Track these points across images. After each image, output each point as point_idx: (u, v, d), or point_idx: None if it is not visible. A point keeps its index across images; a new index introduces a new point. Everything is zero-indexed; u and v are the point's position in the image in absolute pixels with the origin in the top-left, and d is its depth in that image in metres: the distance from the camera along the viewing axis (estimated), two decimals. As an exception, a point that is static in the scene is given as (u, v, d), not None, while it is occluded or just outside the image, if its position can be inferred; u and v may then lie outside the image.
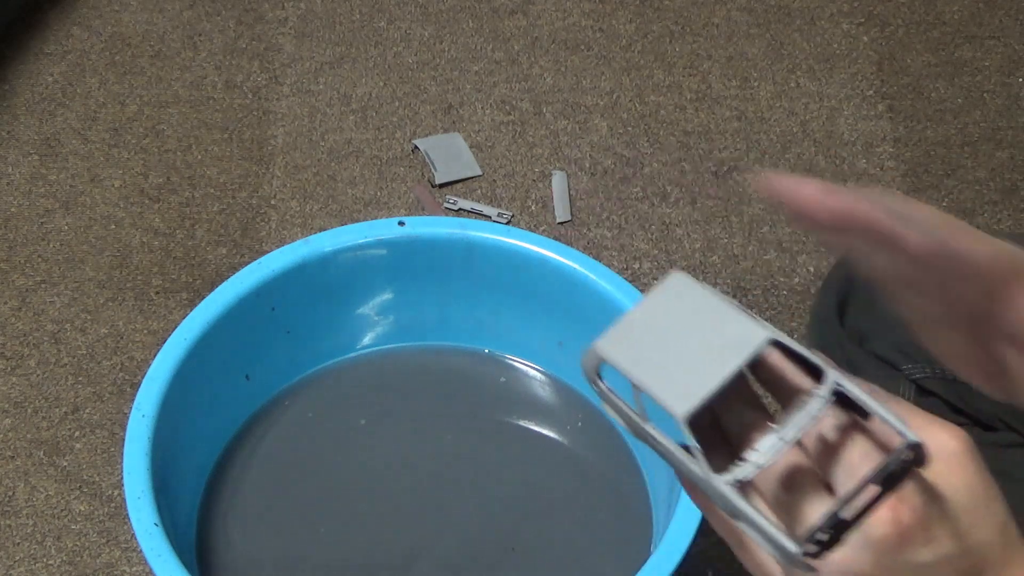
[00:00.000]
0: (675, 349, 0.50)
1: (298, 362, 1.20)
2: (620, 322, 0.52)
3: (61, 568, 1.18)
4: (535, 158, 1.57)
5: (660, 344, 0.50)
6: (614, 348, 0.51)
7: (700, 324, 0.50)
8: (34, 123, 1.61)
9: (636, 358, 0.50)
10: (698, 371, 0.48)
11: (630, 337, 0.51)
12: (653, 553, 0.92)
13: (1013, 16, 1.77)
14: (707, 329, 0.50)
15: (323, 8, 1.78)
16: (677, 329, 0.50)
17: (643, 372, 0.50)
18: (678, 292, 0.52)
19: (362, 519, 1.10)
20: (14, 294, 1.41)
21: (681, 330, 0.50)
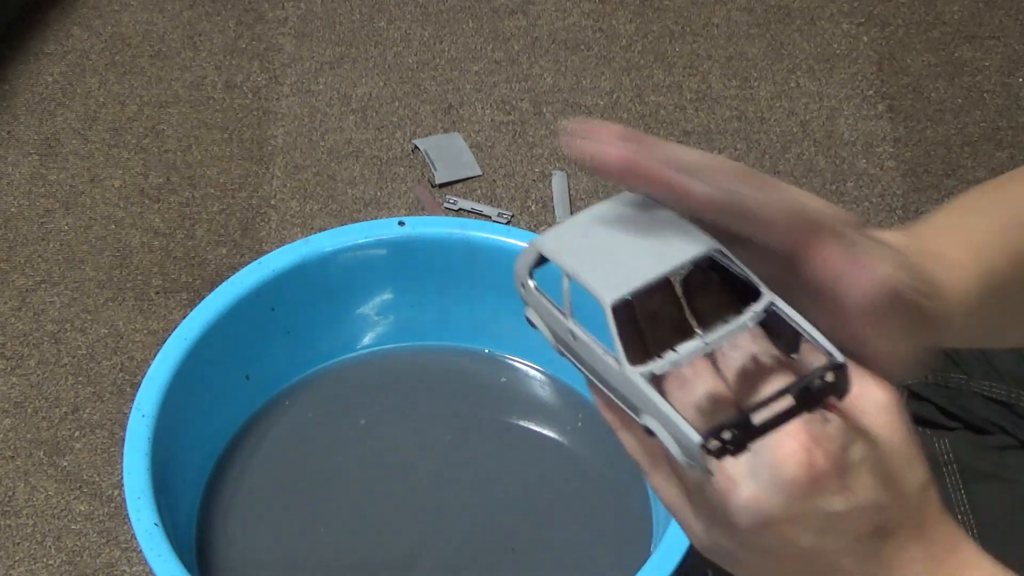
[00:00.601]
0: (615, 248, 0.49)
1: (298, 362, 1.19)
2: (564, 222, 0.51)
3: (61, 568, 1.18)
4: (535, 158, 1.57)
5: (600, 243, 0.50)
6: (553, 243, 0.51)
7: (645, 230, 0.49)
8: (34, 123, 1.61)
9: (574, 253, 0.50)
10: (634, 268, 0.48)
11: (571, 235, 0.51)
12: (653, 553, 0.92)
13: (1013, 16, 1.77)
14: (652, 234, 0.49)
15: (323, 8, 1.78)
16: (621, 232, 0.50)
17: (578, 264, 0.49)
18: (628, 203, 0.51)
19: (362, 519, 1.10)
20: (14, 294, 1.41)
21: (624, 232, 0.50)
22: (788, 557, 0.49)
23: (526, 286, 0.54)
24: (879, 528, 0.48)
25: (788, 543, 0.48)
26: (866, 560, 0.49)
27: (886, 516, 0.48)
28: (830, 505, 0.47)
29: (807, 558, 0.49)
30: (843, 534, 0.48)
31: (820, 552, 0.48)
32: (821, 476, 0.46)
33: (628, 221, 0.50)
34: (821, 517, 0.47)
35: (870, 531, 0.48)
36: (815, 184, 1.54)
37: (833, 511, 0.47)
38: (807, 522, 0.47)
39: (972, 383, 0.92)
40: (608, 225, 0.50)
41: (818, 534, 0.48)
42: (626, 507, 1.11)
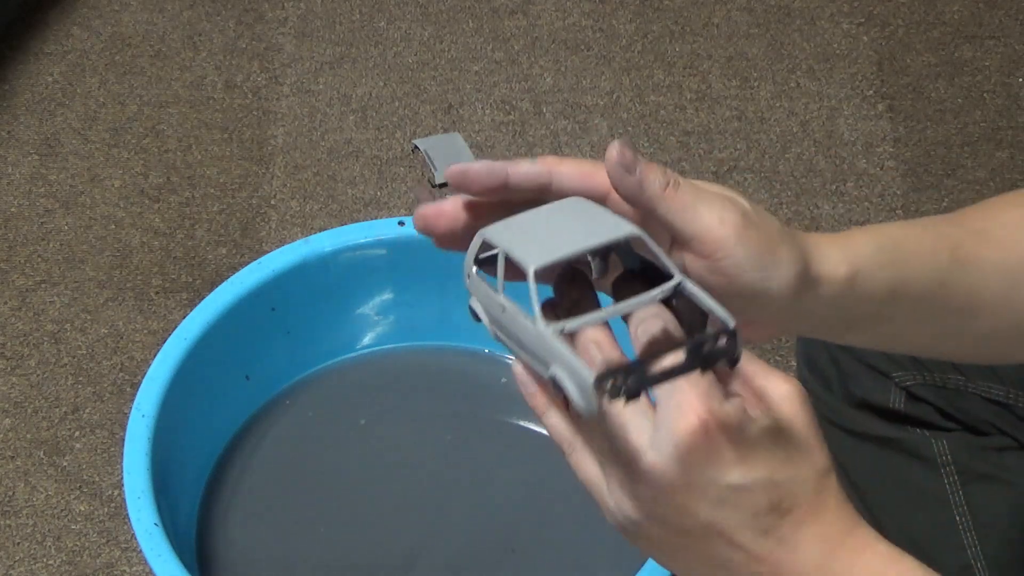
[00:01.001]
0: (549, 232, 0.55)
1: (298, 362, 1.20)
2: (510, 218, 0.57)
3: (61, 568, 1.18)
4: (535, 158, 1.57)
5: (537, 229, 0.55)
6: (494, 231, 0.57)
7: (578, 220, 0.55)
8: (34, 123, 1.61)
9: (511, 237, 0.56)
10: (560, 244, 0.53)
11: (513, 226, 0.57)
12: (653, 553, 0.92)
13: (1013, 16, 1.77)
14: (582, 223, 0.55)
15: (323, 8, 1.78)
16: (556, 222, 0.56)
17: (512, 243, 0.55)
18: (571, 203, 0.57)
19: (362, 519, 1.10)
20: (14, 294, 1.41)
21: (559, 222, 0.55)
22: (688, 531, 0.51)
23: (471, 275, 0.59)
24: (775, 506, 0.50)
25: (687, 513, 0.50)
26: (763, 537, 0.50)
27: (782, 493, 0.50)
28: (727, 477, 0.49)
29: (705, 532, 0.51)
30: (740, 508, 0.50)
31: (717, 525, 0.50)
32: (717, 447, 0.49)
33: (566, 213, 0.56)
34: (718, 488, 0.49)
35: (767, 507, 0.50)
36: (815, 184, 1.54)
37: (729, 483, 0.49)
38: (704, 492, 0.50)
39: (970, 384, 0.92)
40: (548, 217, 0.56)
41: (715, 506, 0.50)
42: (626, 507, 1.11)
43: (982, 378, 0.91)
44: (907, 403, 0.94)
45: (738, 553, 0.51)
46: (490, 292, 0.58)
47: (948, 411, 0.93)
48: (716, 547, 0.51)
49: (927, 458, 0.93)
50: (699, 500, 0.50)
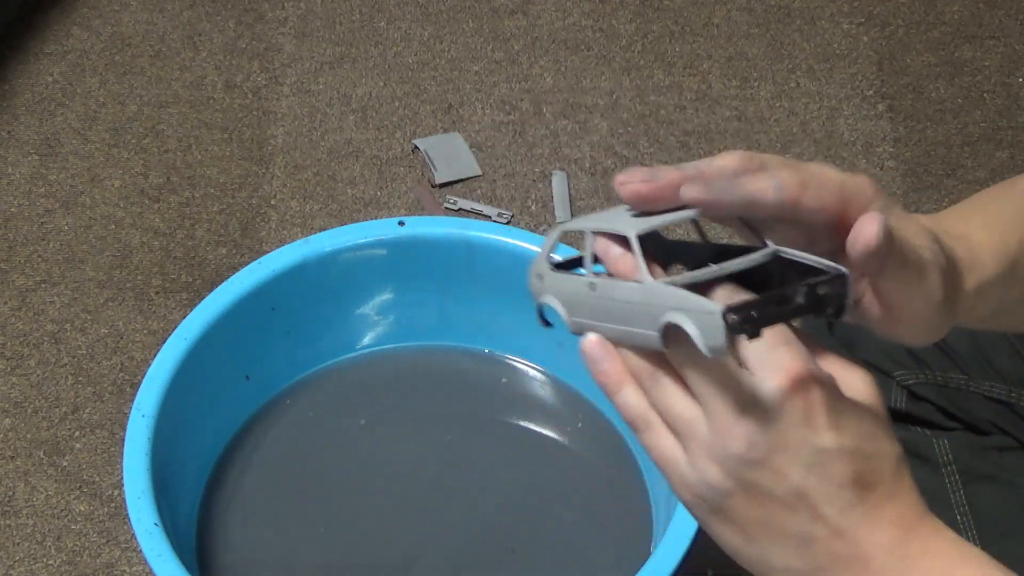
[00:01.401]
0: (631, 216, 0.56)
1: (298, 362, 1.19)
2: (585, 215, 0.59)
3: (61, 568, 1.18)
4: (535, 158, 1.57)
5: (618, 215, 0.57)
6: (574, 222, 0.58)
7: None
8: (34, 123, 1.61)
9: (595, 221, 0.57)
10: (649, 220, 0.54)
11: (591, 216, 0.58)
12: (653, 553, 0.92)
13: (1013, 16, 1.77)
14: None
15: (323, 8, 1.78)
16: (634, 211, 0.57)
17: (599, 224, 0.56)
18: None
19: (362, 519, 1.10)
20: (14, 294, 1.41)
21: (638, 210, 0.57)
22: (776, 498, 0.51)
23: (544, 272, 0.59)
24: (861, 478, 0.51)
25: (778, 477, 0.51)
26: (846, 511, 0.51)
27: (869, 467, 0.51)
28: (820, 440, 0.50)
29: (793, 500, 0.51)
30: (828, 477, 0.51)
31: (805, 492, 0.51)
32: (815, 409, 0.50)
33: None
34: (811, 450, 0.50)
35: (853, 479, 0.51)
36: (815, 184, 1.54)
37: (822, 446, 0.50)
38: (797, 454, 0.50)
39: (972, 383, 0.92)
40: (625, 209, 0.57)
41: (807, 470, 0.50)
42: (626, 507, 1.11)
43: (984, 377, 0.91)
44: (908, 402, 0.94)
45: (820, 526, 0.51)
46: (571, 278, 0.57)
47: (949, 410, 0.93)
48: (800, 519, 0.51)
49: (928, 457, 0.93)
50: (791, 462, 0.50)
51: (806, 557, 0.52)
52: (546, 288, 0.59)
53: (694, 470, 0.53)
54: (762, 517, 0.52)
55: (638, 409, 0.55)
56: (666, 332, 0.51)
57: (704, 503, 0.54)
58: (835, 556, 0.52)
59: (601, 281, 0.55)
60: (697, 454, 0.53)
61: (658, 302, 0.52)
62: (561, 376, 1.20)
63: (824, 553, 0.52)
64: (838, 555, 0.52)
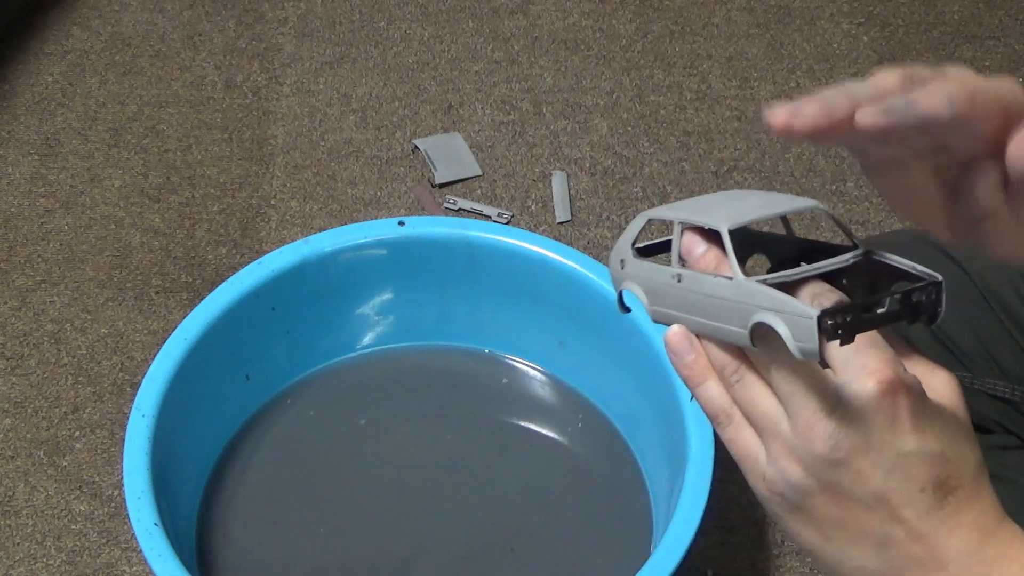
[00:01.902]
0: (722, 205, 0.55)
1: (298, 362, 1.20)
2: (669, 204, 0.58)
3: (61, 568, 1.18)
4: (535, 158, 1.57)
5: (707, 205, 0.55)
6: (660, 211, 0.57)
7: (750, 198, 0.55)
8: (34, 123, 1.61)
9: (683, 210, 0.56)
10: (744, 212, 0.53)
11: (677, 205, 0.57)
12: (653, 553, 0.92)
13: (1013, 16, 1.77)
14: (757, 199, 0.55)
15: (323, 8, 1.78)
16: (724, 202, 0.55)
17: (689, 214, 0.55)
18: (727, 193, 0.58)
19: (362, 519, 1.10)
20: (14, 294, 1.41)
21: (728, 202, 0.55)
22: (857, 499, 0.51)
23: (627, 257, 0.58)
24: (942, 482, 0.51)
25: (860, 479, 0.50)
26: (925, 514, 0.51)
27: (949, 471, 0.51)
28: (903, 443, 0.50)
29: (873, 501, 0.51)
30: (911, 479, 0.50)
31: (887, 494, 0.51)
32: (900, 412, 0.50)
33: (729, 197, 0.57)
34: (894, 454, 0.50)
35: (934, 482, 0.51)
36: (815, 184, 1.54)
37: (905, 450, 0.50)
38: (880, 456, 0.50)
39: (976, 380, 0.92)
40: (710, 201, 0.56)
41: (888, 472, 0.50)
42: (626, 507, 1.11)
43: (988, 375, 0.91)
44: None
45: (899, 529, 0.51)
46: (656, 267, 0.57)
47: None
48: (879, 521, 0.51)
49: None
50: (873, 464, 0.50)
51: (883, 558, 0.52)
52: (628, 274, 0.58)
53: (775, 467, 0.53)
54: (841, 517, 0.52)
55: (720, 403, 0.55)
56: (755, 331, 0.51)
57: (783, 500, 0.53)
58: (913, 558, 0.52)
59: (688, 273, 0.55)
60: (779, 452, 0.53)
61: (750, 300, 0.51)
62: (561, 376, 1.20)
63: (902, 555, 0.52)
64: (916, 557, 0.52)
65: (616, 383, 1.14)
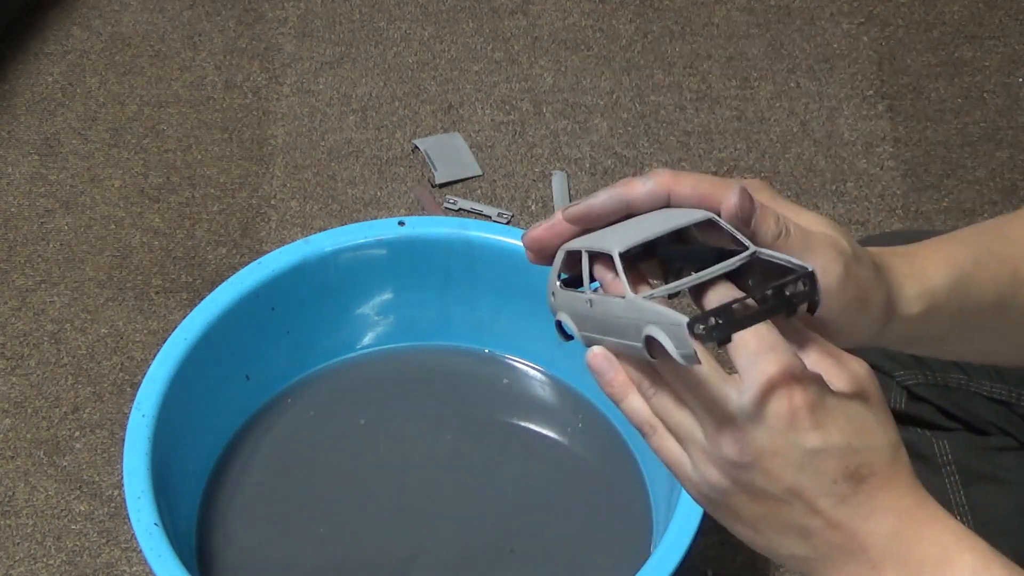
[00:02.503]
0: (625, 227, 0.58)
1: (298, 362, 1.20)
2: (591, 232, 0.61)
3: (61, 568, 1.18)
4: (535, 158, 1.57)
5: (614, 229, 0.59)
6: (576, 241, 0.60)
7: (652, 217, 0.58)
8: (34, 123, 1.61)
9: (591, 239, 0.59)
10: (638, 233, 0.56)
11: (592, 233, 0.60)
12: (653, 553, 0.92)
13: (1013, 16, 1.77)
14: (657, 217, 0.58)
15: (323, 8, 1.78)
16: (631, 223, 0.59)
17: (592, 242, 0.58)
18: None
19: (362, 519, 1.10)
20: (14, 294, 1.41)
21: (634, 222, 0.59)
22: (772, 496, 0.53)
23: (555, 290, 0.61)
24: (853, 473, 0.53)
25: (772, 478, 0.53)
26: (840, 503, 0.53)
27: (860, 460, 0.53)
28: (807, 441, 0.52)
29: (788, 497, 0.53)
30: (820, 474, 0.52)
31: (799, 490, 0.53)
32: (798, 412, 0.52)
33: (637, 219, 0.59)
34: (800, 452, 0.52)
35: (845, 473, 0.53)
36: (815, 184, 1.54)
37: (810, 447, 0.52)
38: (787, 456, 0.52)
39: (972, 383, 0.91)
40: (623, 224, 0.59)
41: (797, 470, 0.52)
42: (626, 507, 1.11)
43: (985, 377, 0.91)
44: (908, 403, 0.94)
45: (816, 520, 0.53)
46: (575, 295, 0.60)
47: (949, 410, 0.93)
48: (797, 513, 0.54)
49: (928, 458, 0.93)
50: (782, 464, 0.52)
51: (808, 547, 0.55)
52: (558, 305, 0.62)
53: (697, 472, 0.56)
54: (763, 513, 0.55)
55: (643, 416, 0.58)
56: (648, 344, 0.54)
57: (710, 500, 0.57)
58: (834, 545, 0.54)
59: (596, 297, 0.58)
60: (697, 457, 0.55)
61: (640, 317, 0.54)
62: (561, 376, 1.20)
63: (824, 543, 0.54)
64: (837, 544, 0.54)
65: (616, 383, 1.14)
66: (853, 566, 0.54)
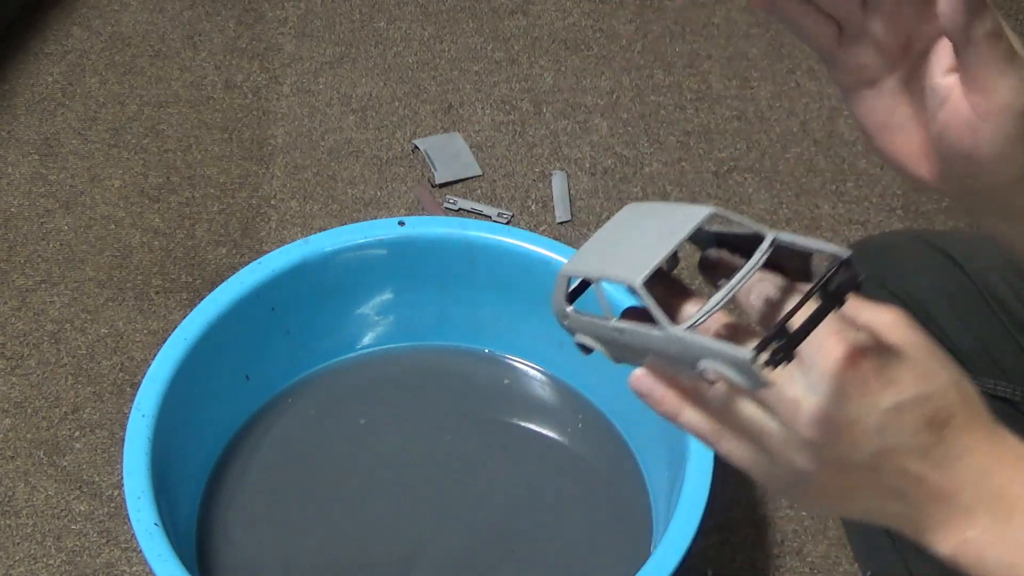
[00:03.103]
0: (627, 245, 0.56)
1: (298, 362, 1.20)
2: (581, 248, 0.58)
3: (61, 568, 1.18)
4: (535, 158, 1.57)
5: (615, 247, 0.57)
6: (575, 264, 0.58)
7: (649, 223, 0.56)
8: (34, 123, 1.61)
9: (595, 262, 0.56)
10: (648, 251, 0.54)
11: (589, 252, 0.58)
12: (653, 553, 0.92)
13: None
14: (655, 224, 0.56)
15: (323, 8, 1.78)
16: (629, 233, 0.57)
17: (601, 268, 0.56)
18: (630, 211, 0.58)
19: (362, 519, 1.10)
20: (14, 294, 1.41)
21: (632, 232, 0.57)
22: (860, 465, 0.53)
23: (567, 316, 0.59)
24: (932, 419, 0.53)
25: (857, 447, 0.53)
26: (928, 455, 0.53)
27: (935, 406, 0.53)
28: (882, 401, 0.52)
29: (875, 462, 0.53)
30: (901, 430, 0.53)
31: (886, 452, 0.53)
32: (867, 377, 0.51)
33: (634, 223, 0.57)
34: (877, 414, 0.52)
35: (924, 422, 0.53)
36: (815, 184, 1.54)
37: (886, 407, 0.52)
38: (867, 420, 0.52)
39: (976, 380, 0.91)
40: (616, 233, 0.57)
41: (879, 432, 0.52)
42: (626, 507, 1.11)
43: (988, 375, 0.91)
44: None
45: (906, 477, 0.54)
46: (597, 321, 0.58)
47: None
48: (887, 476, 0.54)
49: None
50: (863, 430, 0.52)
51: (903, 504, 0.55)
52: (575, 328, 0.60)
53: (776, 465, 0.55)
54: (853, 483, 0.54)
55: (704, 425, 0.57)
56: (702, 376, 0.53)
57: (796, 488, 0.56)
58: (927, 497, 0.54)
59: (626, 326, 0.56)
60: (775, 449, 0.55)
61: (687, 351, 0.53)
62: (561, 376, 1.20)
63: (920, 497, 0.54)
64: (930, 496, 0.54)
65: (616, 383, 1.14)
66: (947, 512, 0.54)
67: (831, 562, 1.16)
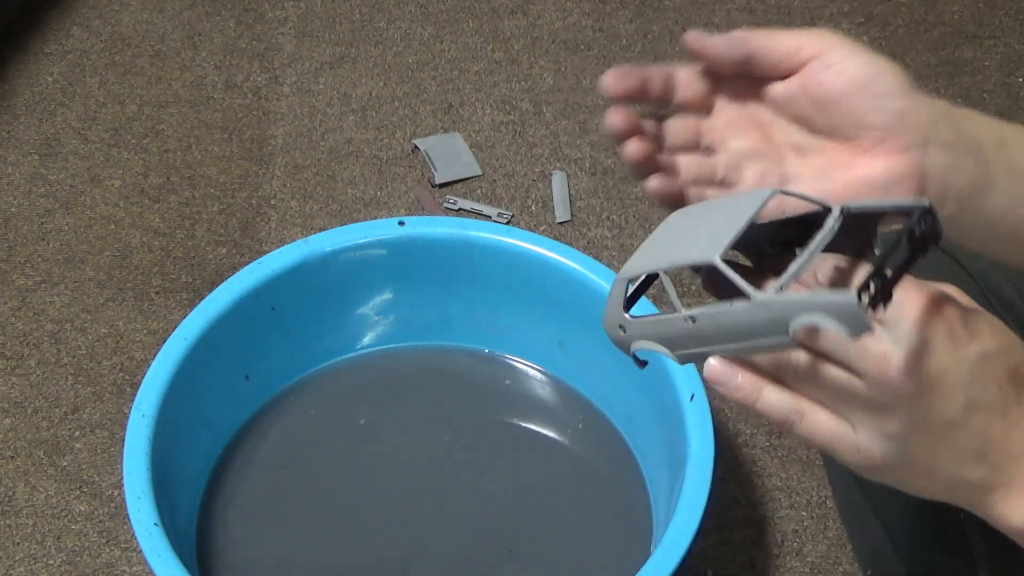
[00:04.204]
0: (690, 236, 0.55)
1: (298, 362, 1.20)
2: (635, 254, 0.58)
3: (61, 568, 1.18)
4: (535, 158, 1.57)
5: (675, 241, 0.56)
6: (635, 265, 0.57)
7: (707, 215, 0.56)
8: (34, 123, 1.61)
9: (659, 257, 0.56)
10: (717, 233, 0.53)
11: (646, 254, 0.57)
12: (653, 553, 0.92)
13: (1013, 16, 1.77)
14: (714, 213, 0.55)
15: (323, 8, 1.78)
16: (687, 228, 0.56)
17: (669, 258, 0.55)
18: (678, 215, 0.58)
19: (362, 519, 1.10)
20: (14, 294, 1.41)
21: (691, 226, 0.56)
22: (948, 425, 0.53)
23: (626, 322, 0.58)
24: (1013, 374, 0.53)
25: (949, 399, 0.53)
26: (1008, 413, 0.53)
27: (1015, 360, 0.54)
28: (969, 352, 0.52)
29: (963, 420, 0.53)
30: (988, 382, 0.53)
31: (974, 404, 0.53)
32: (954, 326, 0.52)
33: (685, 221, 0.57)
34: (968, 363, 0.52)
35: (1008, 375, 0.53)
36: (815, 184, 1.54)
37: (975, 355, 0.53)
38: (958, 370, 0.52)
39: None
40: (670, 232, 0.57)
41: (970, 382, 0.53)
42: (626, 507, 1.11)
43: None
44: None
45: (992, 433, 0.54)
46: (662, 320, 0.57)
47: None
48: (972, 433, 0.54)
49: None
50: (955, 381, 0.53)
51: (986, 467, 0.54)
52: (634, 336, 0.58)
53: (866, 434, 0.54)
54: (939, 447, 0.54)
55: (785, 404, 0.56)
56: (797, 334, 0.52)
57: (883, 461, 0.55)
58: (1010, 458, 0.54)
59: (701, 312, 0.55)
60: (863, 415, 0.54)
61: (783, 312, 0.52)
62: (561, 376, 1.20)
63: (1003, 456, 0.54)
64: (1012, 457, 0.54)
65: (616, 383, 1.14)
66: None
67: (831, 562, 1.16)
